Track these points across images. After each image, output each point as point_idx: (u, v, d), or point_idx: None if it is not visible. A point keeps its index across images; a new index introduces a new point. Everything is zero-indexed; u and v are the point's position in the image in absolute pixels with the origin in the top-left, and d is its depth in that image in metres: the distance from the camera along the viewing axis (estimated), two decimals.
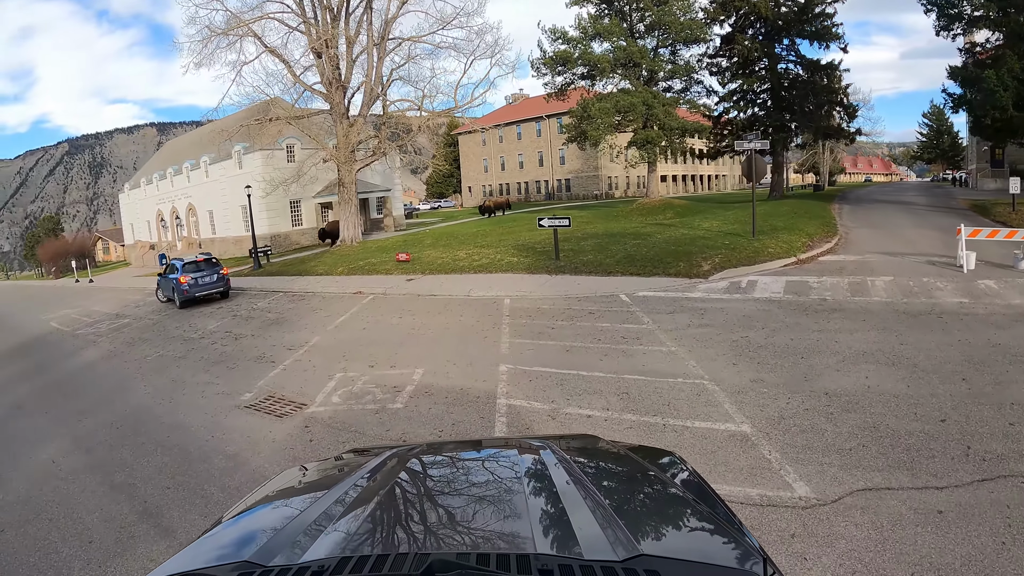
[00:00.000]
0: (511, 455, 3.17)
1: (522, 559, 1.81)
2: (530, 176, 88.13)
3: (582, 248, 23.42)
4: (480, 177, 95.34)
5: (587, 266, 20.27)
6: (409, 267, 24.72)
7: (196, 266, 25.46)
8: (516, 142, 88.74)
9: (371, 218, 54.82)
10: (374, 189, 52.22)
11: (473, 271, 22.27)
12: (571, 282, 18.78)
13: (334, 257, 32.81)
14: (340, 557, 1.84)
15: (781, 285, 16.08)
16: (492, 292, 18.52)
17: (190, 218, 57.55)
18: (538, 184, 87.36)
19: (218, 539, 2.33)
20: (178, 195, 58.96)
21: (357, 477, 2.71)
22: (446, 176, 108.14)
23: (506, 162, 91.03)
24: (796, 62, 47.53)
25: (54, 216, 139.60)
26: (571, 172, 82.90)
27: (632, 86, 42.35)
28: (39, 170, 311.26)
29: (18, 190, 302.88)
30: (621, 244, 23.52)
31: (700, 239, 22.97)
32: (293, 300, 22.82)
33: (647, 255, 20.72)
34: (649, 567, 1.74)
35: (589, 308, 15.42)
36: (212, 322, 20.68)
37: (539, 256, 22.89)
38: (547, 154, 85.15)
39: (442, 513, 2.37)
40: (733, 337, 11.76)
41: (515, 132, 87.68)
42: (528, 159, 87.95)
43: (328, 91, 36.79)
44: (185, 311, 24.29)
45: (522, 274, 20.74)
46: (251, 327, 18.73)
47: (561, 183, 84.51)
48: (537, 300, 17.11)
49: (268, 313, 20.71)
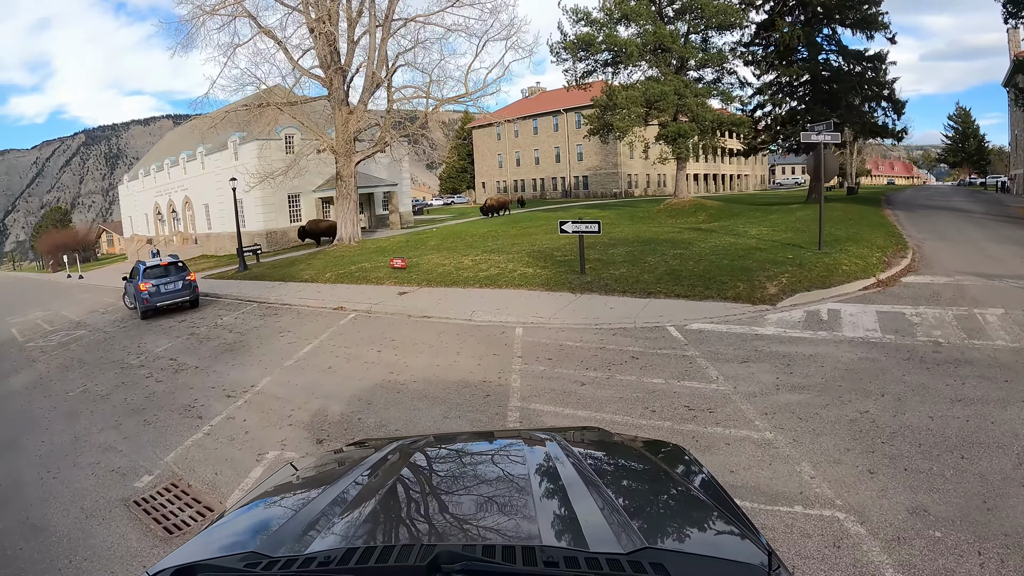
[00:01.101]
0: (517, 447, 3.20)
1: (527, 551, 1.84)
2: (546, 172, 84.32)
3: (611, 258, 19.56)
4: (494, 173, 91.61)
5: (620, 283, 16.46)
6: (405, 275, 21.03)
7: (159, 271, 21.93)
8: (532, 137, 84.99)
9: (376, 214, 51.22)
10: (379, 183, 48.52)
11: (479, 284, 18.50)
12: (601, 305, 15.01)
13: (325, 259, 29.17)
14: (346, 548, 1.86)
15: (873, 318, 12.30)
16: (501, 316, 14.79)
17: (186, 212, 54.18)
18: (554, 181, 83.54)
19: (224, 530, 2.34)
20: (175, 187, 55.61)
21: (362, 469, 2.74)
22: (460, 171, 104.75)
23: (521, 157, 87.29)
24: (837, 52, 43.35)
25: (62, 207, 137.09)
26: (589, 169, 79.04)
27: (661, 74, 38.43)
28: (55, 160, 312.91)
29: (35, 180, 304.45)
30: (658, 254, 19.65)
31: (754, 251, 19.09)
32: (264, 314, 19.20)
33: (694, 270, 16.86)
34: (654, 560, 1.75)
35: (630, 348, 11.61)
36: (164, 342, 17.26)
37: (559, 267, 19.04)
38: (564, 150, 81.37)
39: (448, 505, 2.38)
40: (847, 412, 7.96)
41: (531, 126, 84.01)
42: (544, 155, 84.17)
43: (326, 75, 33.14)
44: (145, 323, 20.97)
45: (539, 291, 16.96)
46: (201, 353, 15.17)
47: (578, 180, 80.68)
48: (559, 331, 13.35)
49: (229, 333, 17.11)
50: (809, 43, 41.83)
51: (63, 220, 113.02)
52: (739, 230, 25.11)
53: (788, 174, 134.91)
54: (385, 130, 34.49)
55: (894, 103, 44.56)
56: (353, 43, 33.82)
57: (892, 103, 44.53)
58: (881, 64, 42.41)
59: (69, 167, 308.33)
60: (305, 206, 45.81)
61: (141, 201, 64.63)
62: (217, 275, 31.31)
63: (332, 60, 32.72)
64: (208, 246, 49.58)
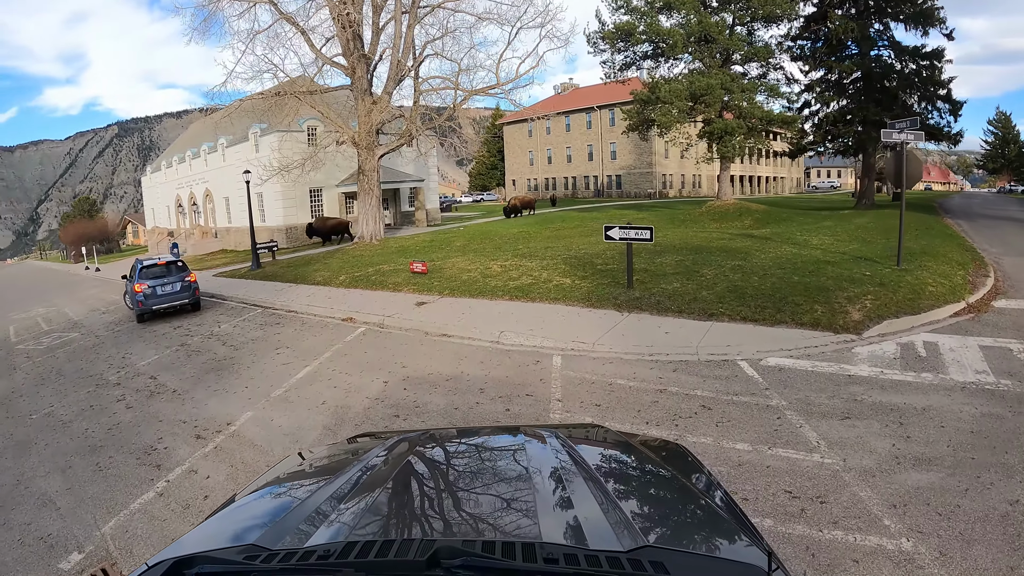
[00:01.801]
0: (517, 443, 3.17)
1: (527, 547, 1.83)
2: (578, 171, 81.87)
3: (660, 269, 17.14)
4: (525, 170, 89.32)
5: (674, 300, 14.06)
6: (425, 282, 18.83)
7: (156, 271, 19.96)
8: (564, 134, 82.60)
9: (401, 211, 49.21)
10: (405, 179, 46.43)
11: (508, 295, 16.18)
12: (653, 327, 12.63)
13: (343, 259, 27.10)
14: (346, 542, 1.85)
15: (978, 355, 9.85)
16: (535, 339, 12.46)
17: (207, 205, 52.57)
18: (586, 180, 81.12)
19: (226, 521, 2.37)
20: (196, 179, 54.06)
21: (363, 463, 2.73)
22: (490, 168, 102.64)
23: (553, 155, 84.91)
24: (890, 48, 40.37)
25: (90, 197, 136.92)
26: (623, 168, 76.46)
27: (706, 67, 35.84)
28: (89, 151, 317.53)
29: (68, 170, 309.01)
30: (714, 265, 17.21)
31: (823, 265, 16.57)
32: (265, 323, 17.10)
33: (760, 288, 14.40)
34: (654, 558, 1.75)
35: (697, 392, 9.25)
36: (151, 353, 15.32)
37: (601, 278, 16.65)
38: (597, 148, 78.88)
39: (448, 500, 2.38)
40: (993, 502, 5.63)
41: (563, 123, 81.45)
42: (577, 152, 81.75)
43: (348, 62, 31.06)
44: (139, 328, 19.14)
45: (578, 307, 14.57)
46: (185, 372, 13.10)
47: (611, 179, 78.18)
48: (605, 362, 11.02)
49: (222, 346, 15.02)
50: (862, 37, 39.01)
51: (91, 210, 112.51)
52: (797, 238, 22.58)
53: (824, 177, 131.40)
54: (411, 122, 32.30)
55: (952, 104, 41.43)
56: (378, 30, 31.72)
57: (950, 104, 41.43)
58: (939, 61, 39.40)
59: (102, 158, 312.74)
60: (328, 201, 43.92)
61: (163, 193, 63.29)
62: (229, 273, 29.40)
63: (355, 47, 30.64)
64: (228, 240, 47.93)
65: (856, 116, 39.81)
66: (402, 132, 33.73)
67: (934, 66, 39.58)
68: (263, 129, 41.38)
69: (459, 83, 32.56)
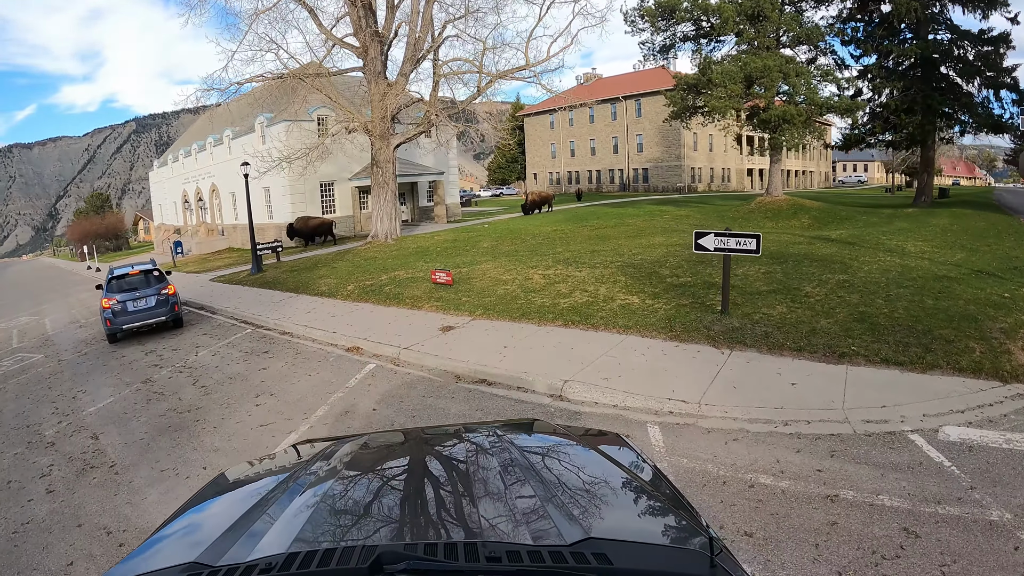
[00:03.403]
0: (457, 443, 3.11)
1: (470, 547, 1.83)
2: (603, 164, 78.11)
3: (749, 284, 13.46)
4: (547, 163, 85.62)
5: (786, 332, 10.53)
6: (451, 296, 15.40)
7: (127, 283, 16.68)
8: (588, 126, 78.85)
9: (419, 206, 45.75)
10: (424, 171, 42.84)
11: (561, 320, 12.58)
12: (771, 375, 9.12)
13: (353, 262, 23.69)
14: (288, 553, 1.82)
15: None
16: (614, 395, 8.89)
17: (213, 200, 49.34)
18: (611, 173, 77.35)
19: (165, 541, 2.28)
20: (202, 174, 50.87)
21: (303, 471, 2.67)
22: (510, 161, 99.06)
23: (577, 148, 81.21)
24: (948, 32, 36.24)
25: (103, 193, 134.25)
26: (649, 161, 72.64)
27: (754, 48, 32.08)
28: (107, 147, 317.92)
29: (86, 166, 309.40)
30: (814, 280, 13.52)
31: (948, 281, 12.85)
32: (252, 351, 13.63)
33: (891, 315, 10.70)
34: (597, 550, 1.76)
35: (884, 501, 5.69)
36: (106, 392, 12.10)
37: (677, 297, 13.02)
38: (623, 140, 75.10)
39: (389, 504, 2.34)
40: None
41: (587, 115, 77.58)
42: (601, 145, 77.99)
43: (360, 41, 27.65)
44: (109, 350, 16.00)
45: (660, 339, 10.98)
46: (137, 430, 9.75)
47: (638, 173, 74.38)
48: (729, 442, 7.48)
49: (193, 386, 11.63)
50: (920, 19, 35.00)
51: (103, 206, 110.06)
52: (887, 243, 18.91)
53: (850, 172, 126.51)
54: (431, 106, 28.80)
55: (1020, 93, 37.30)
56: (393, 5, 28.34)
57: (1018, 93, 37.28)
58: (1005, 47, 35.29)
59: (120, 154, 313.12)
60: (340, 196, 40.52)
61: (170, 189, 60.32)
62: (227, 278, 26.07)
63: (367, 24, 27.24)
64: (235, 238, 44.68)
65: (918, 105, 35.83)
66: (420, 120, 30.28)
67: (998, 52, 35.57)
68: (270, 119, 38.07)
69: (483, 65, 29.05)
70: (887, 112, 37.22)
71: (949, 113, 37.02)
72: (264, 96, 30.85)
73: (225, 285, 24.26)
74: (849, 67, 38.59)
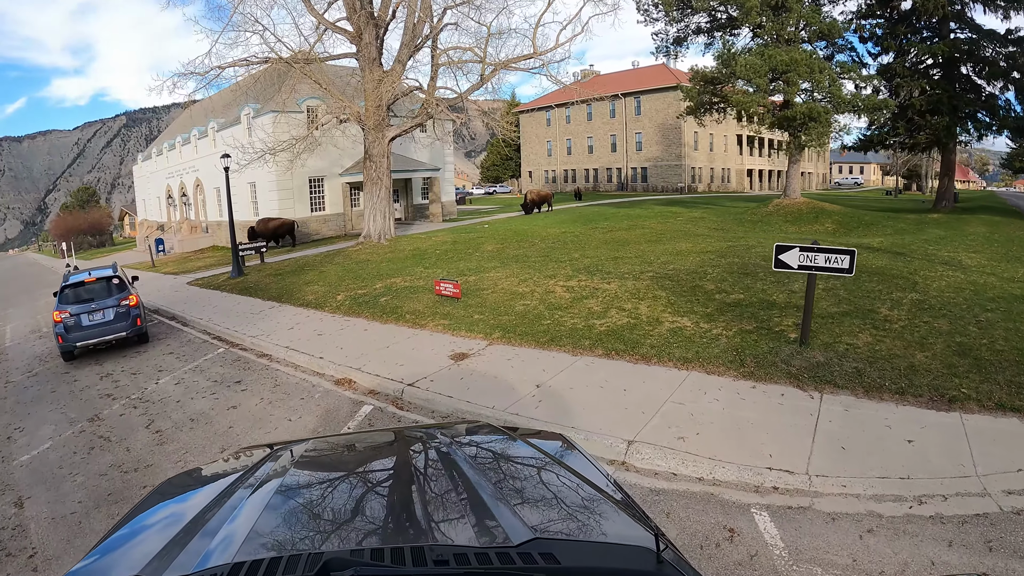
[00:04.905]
0: (401, 446, 3.09)
1: (416, 551, 1.81)
2: (600, 163, 76.00)
3: (816, 304, 11.07)
4: (543, 161, 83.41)
5: (880, 368, 8.46)
6: (461, 312, 13.20)
7: (82, 292, 14.38)
8: (586, 124, 76.75)
9: (414, 204, 43.40)
10: (419, 167, 40.47)
11: (601, 347, 10.28)
12: (880, 428, 7.06)
13: (343, 266, 21.42)
14: (233, 563, 1.76)
15: None
16: (696, 462, 6.70)
17: (197, 196, 46.83)
18: (609, 172, 75.30)
19: (104, 559, 2.19)
20: (186, 168, 48.35)
21: (244, 479, 2.58)
22: (504, 159, 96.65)
23: (573, 146, 79.08)
24: (969, 31, 34.21)
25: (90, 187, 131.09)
26: (649, 160, 70.60)
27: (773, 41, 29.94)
28: (96, 141, 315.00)
29: (75, 160, 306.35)
30: (885, 299, 11.35)
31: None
32: (223, 380, 11.31)
33: (994, 347, 8.74)
34: (544, 550, 1.76)
35: None
36: (46, 432, 9.93)
37: (736, 319, 10.81)
38: (621, 138, 73.04)
39: (335, 509, 2.28)
40: None
41: (584, 112, 75.43)
42: (599, 143, 75.88)
43: (354, 25, 25.39)
44: (62, 371, 13.77)
45: (731, 378, 8.79)
46: (71, 495, 7.62)
47: (636, 172, 72.34)
48: (865, 535, 5.42)
49: (146, 428, 9.37)
50: (944, 16, 32.97)
51: (88, 201, 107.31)
52: (937, 254, 16.85)
53: (847, 174, 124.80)
54: (429, 95, 26.55)
55: None
56: None
57: None
58: None
59: (110, 148, 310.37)
60: (330, 192, 38.12)
61: (154, 184, 57.73)
62: (205, 281, 23.74)
63: (362, 5, 24.98)
64: (220, 236, 42.17)
65: (944, 106, 33.78)
66: (418, 112, 28.03)
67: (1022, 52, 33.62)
68: (256, 110, 35.70)
69: (486, 54, 26.81)
70: (911, 112, 35.19)
71: (970, 114, 35.11)
72: (251, 86, 28.65)
73: (202, 290, 21.95)
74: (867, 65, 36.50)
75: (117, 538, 2.32)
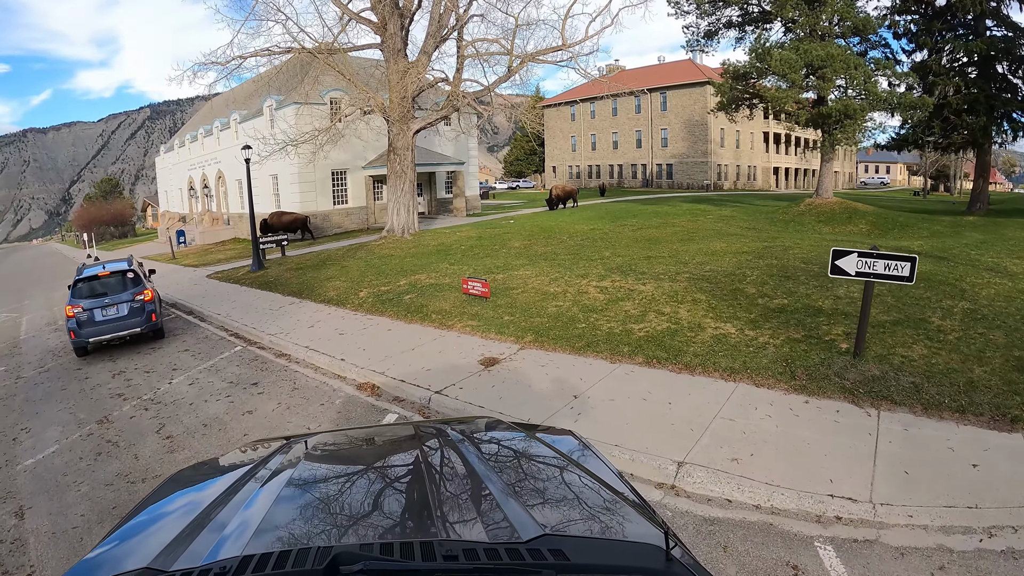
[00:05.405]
0: (412, 440, 3.07)
1: (426, 546, 1.78)
2: (625, 158, 74.94)
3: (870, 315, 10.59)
4: (567, 156, 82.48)
5: (938, 383, 7.79)
6: (490, 312, 12.58)
7: (96, 286, 13.87)
8: (611, 119, 75.72)
9: (437, 198, 42.85)
10: (443, 161, 39.87)
11: (640, 355, 9.58)
12: (942, 451, 6.39)
13: (366, 260, 20.85)
14: (242, 556, 1.74)
15: None
16: (752, 487, 6.01)
17: (219, 188, 46.63)
18: (634, 168, 74.20)
19: (116, 548, 2.17)
20: (208, 160, 48.17)
21: (256, 472, 2.55)
22: (528, 154, 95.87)
23: (598, 141, 78.05)
24: (1006, 28, 32.95)
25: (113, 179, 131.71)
26: (674, 156, 69.52)
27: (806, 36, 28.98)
28: (121, 133, 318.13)
29: (100, 151, 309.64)
30: (936, 307, 10.49)
31: None
32: (239, 382, 10.76)
33: None
34: (553, 546, 1.73)
35: None
36: (53, 435, 9.39)
37: (781, 325, 10.09)
38: (647, 134, 71.97)
39: (344, 503, 2.25)
40: None
41: (609, 107, 74.40)
42: (624, 139, 74.83)
43: (379, 16, 24.82)
44: (74, 368, 13.28)
45: (780, 391, 8.10)
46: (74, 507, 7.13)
47: (661, 168, 71.21)
48: (931, 568, 4.84)
49: (156, 433, 8.82)
50: (983, 13, 31.77)
51: (111, 192, 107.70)
52: (980, 260, 15.82)
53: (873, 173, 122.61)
54: (455, 88, 25.91)
55: None
56: None
57: None
58: None
59: (134, 140, 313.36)
60: (353, 185, 37.62)
61: (176, 175, 57.68)
62: (225, 275, 23.29)
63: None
64: (241, 228, 41.89)
65: (981, 105, 32.61)
66: (443, 104, 27.41)
67: None
68: (279, 101, 35.28)
69: (514, 46, 26.10)
70: (946, 112, 34.01)
71: (1006, 114, 33.92)
72: (273, 77, 28.23)
73: (221, 284, 21.49)
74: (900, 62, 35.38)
75: (130, 527, 2.31)
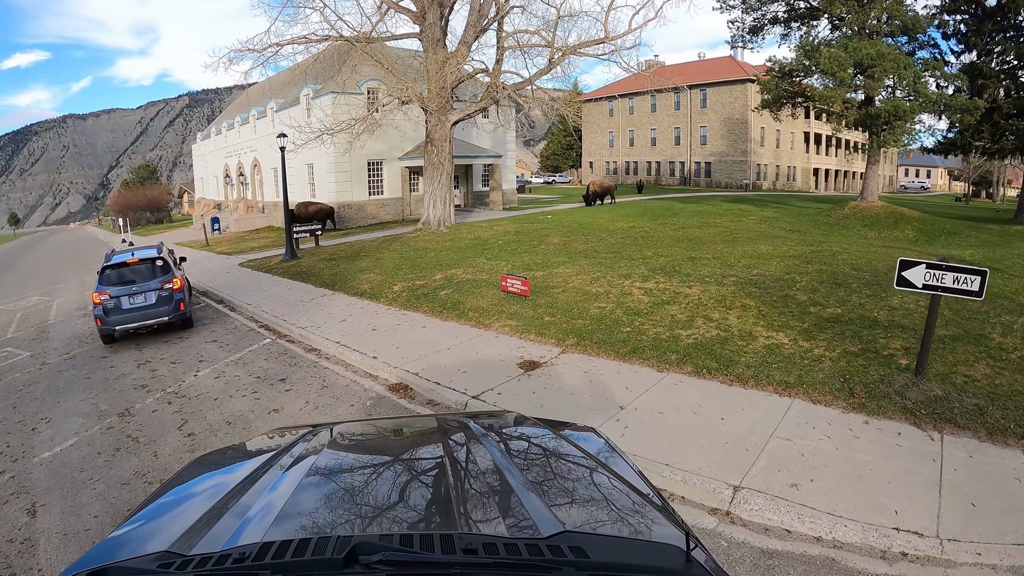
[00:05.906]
0: (434, 433, 3.09)
1: (446, 538, 1.78)
2: (663, 155, 73.75)
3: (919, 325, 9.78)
4: (604, 152, 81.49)
5: (1000, 405, 7.12)
6: (529, 311, 12.02)
7: (124, 274, 13.53)
8: (649, 115, 74.55)
9: (473, 191, 42.39)
10: (480, 154, 39.35)
11: (690, 364, 8.91)
12: (1007, 477, 5.81)
13: (401, 253, 20.41)
14: (262, 542, 1.74)
15: None
16: (814, 517, 5.40)
17: (255, 176, 46.60)
18: (671, 165, 73.01)
19: (137, 529, 2.17)
20: (244, 148, 48.15)
21: (279, 459, 2.55)
22: (565, 148, 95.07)
23: (636, 137, 76.92)
24: None
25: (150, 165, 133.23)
26: (713, 155, 68.22)
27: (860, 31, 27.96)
28: (159, 121, 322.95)
29: (138, 138, 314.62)
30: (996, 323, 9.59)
31: None
32: (266, 377, 10.36)
33: None
34: (573, 543, 1.70)
35: None
36: (73, 426, 9.04)
37: (837, 337, 9.33)
38: (685, 131, 70.71)
39: (365, 493, 2.24)
40: None
41: (648, 103, 73.35)
42: (662, 135, 73.62)
43: (419, 5, 24.35)
44: (99, 356, 12.99)
45: (838, 409, 7.42)
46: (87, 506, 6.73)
47: (700, 167, 69.96)
48: None
49: (178, 430, 8.40)
50: None
51: (148, 178, 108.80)
52: None
53: (913, 177, 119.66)
54: (495, 80, 25.36)
55: None
56: None
57: None
58: None
59: (172, 127, 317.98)
60: (389, 176, 37.21)
61: (212, 162, 57.87)
62: (258, 263, 23.02)
63: None
64: (275, 216, 41.72)
65: None
66: (482, 96, 26.89)
67: None
68: (316, 90, 35.02)
69: (555, 38, 25.45)
70: (997, 115, 32.70)
71: None
72: (311, 66, 28.00)
73: (253, 272, 21.21)
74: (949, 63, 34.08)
75: (154, 508, 2.31)
